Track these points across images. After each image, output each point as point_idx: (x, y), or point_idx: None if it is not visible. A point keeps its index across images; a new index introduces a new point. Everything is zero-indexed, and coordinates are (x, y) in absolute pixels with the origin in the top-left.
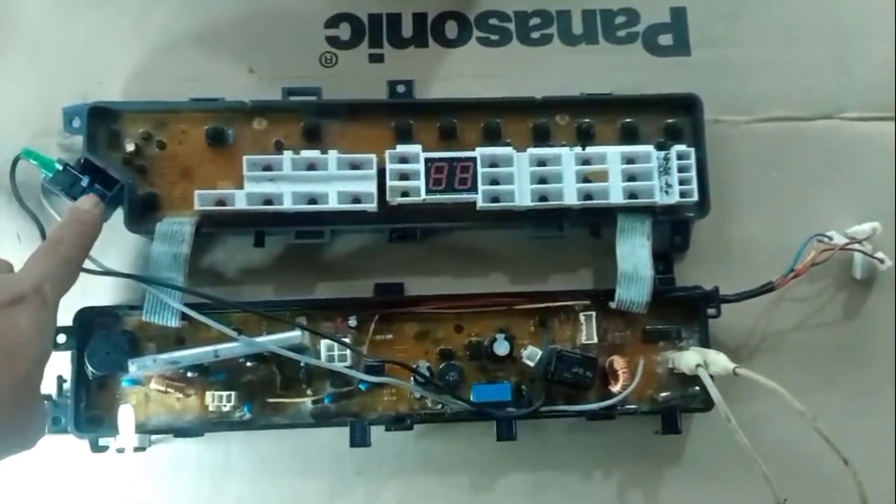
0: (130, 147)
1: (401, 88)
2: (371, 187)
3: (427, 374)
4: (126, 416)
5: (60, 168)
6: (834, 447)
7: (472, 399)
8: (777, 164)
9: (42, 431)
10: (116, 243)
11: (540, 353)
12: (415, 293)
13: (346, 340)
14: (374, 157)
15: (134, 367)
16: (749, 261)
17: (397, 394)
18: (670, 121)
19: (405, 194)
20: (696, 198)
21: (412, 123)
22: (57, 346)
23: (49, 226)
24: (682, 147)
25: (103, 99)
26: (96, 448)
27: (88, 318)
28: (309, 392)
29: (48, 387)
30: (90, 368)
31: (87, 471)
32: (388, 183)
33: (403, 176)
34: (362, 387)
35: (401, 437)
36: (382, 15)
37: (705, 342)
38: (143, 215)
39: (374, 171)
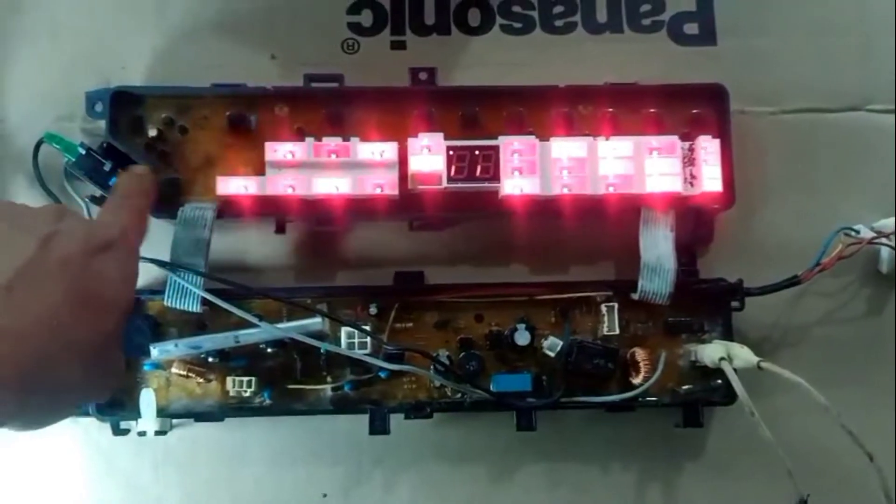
0: (153, 132)
1: (423, 76)
2: (393, 175)
3: (447, 362)
4: (148, 399)
5: (83, 152)
6: (858, 442)
7: (491, 388)
8: (803, 155)
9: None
10: None
11: (561, 343)
12: (435, 282)
13: (367, 328)
14: (395, 144)
15: (156, 352)
16: (774, 254)
17: (417, 382)
18: (695, 111)
19: (427, 182)
20: (720, 189)
21: (434, 111)
22: None
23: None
24: (707, 138)
25: (126, 84)
26: (118, 431)
27: None
28: (329, 379)
29: None
30: None
31: (108, 453)
32: (410, 170)
33: (425, 164)
34: (382, 374)
35: (419, 425)
36: (405, 2)
37: (728, 335)
38: (165, 200)
39: (395, 159)
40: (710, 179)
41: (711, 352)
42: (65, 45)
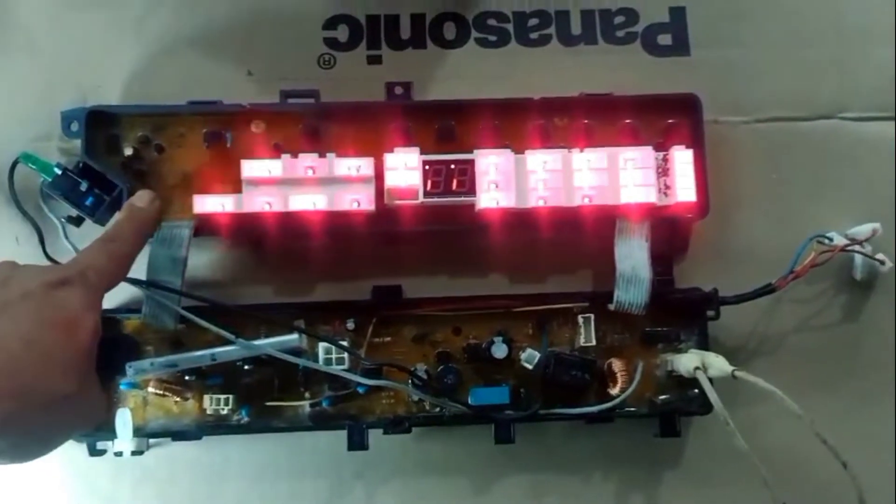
0: (129, 151)
1: (399, 90)
2: (369, 190)
3: (425, 376)
4: (124, 419)
5: (59, 172)
6: (833, 450)
7: (470, 402)
8: (777, 164)
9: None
10: None
11: (538, 355)
12: (413, 296)
13: (344, 343)
14: (371, 160)
15: (131, 371)
16: (749, 262)
17: (395, 397)
18: (670, 121)
19: (403, 197)
20: (694, 199)
21: (410, 125)
22: None
23: (47, 230)
24: (680, 148)
25: (103, 102)
26: (94, 452)
27: None
28: (307, 395)
29: None
30: None
31: (86, 474)
32: (387, 185)
33: (401, 179)
34: (360, 390)
35: (399, 439)
36: (380, 16)
37: (704, 344)
38: None
39: (372, 174)
40: (685, 189)
41: (686, 361)
42: (41, 64)
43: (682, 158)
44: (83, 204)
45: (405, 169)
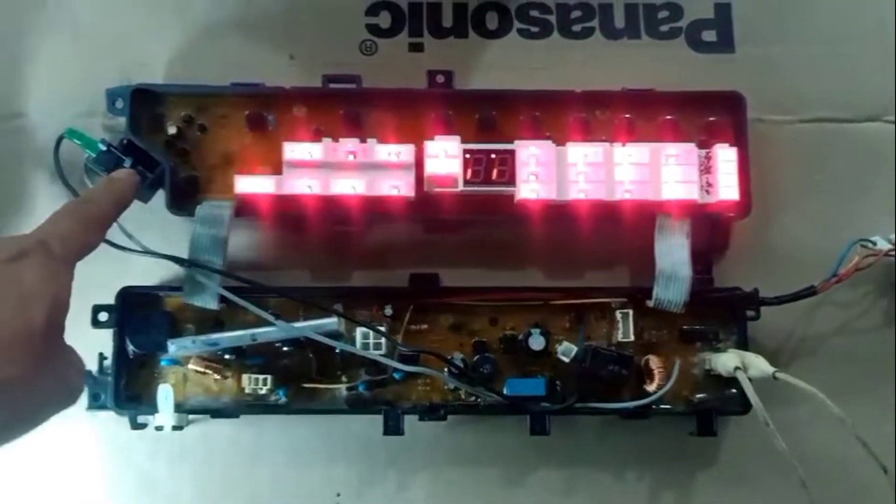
0: (172, 130)
1: (440, 78)
2: (409, 177)
3: (462, 365)
4: (165, 394)
5: (104, 148)
6: (873, 454)
7: (505, 392)
8: (821, 165)
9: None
10: (157, 225)
11: (575, 348)
12: (449, 284)
13: (382, 329)
14: (412, 146)
15: (173, 348)
16: (789, 264)
17: (431, 384)
18: (712, 118)
19: (443, 185)
20: (737, 197)
21: (451, 114)
22: (98, 324)
23: None
24: (724, 146)
25: (146, 81)
26: (135, 425)
27: (129, 298)
28: (344, 379)
29: (89, 363)
30: (131, 347)
31: (125, 448)
32: (426, 173)
33: (441, 166)
34: (397, 376)
35: (433, 427)
36: (423, 4)
37: (744, 344)
38: (183, 198)
39: (412, 161)
40: (727, 188)
41: (726, 361)
42: (86, 43)
43: (726, 156)
44: None
45: (445, 157)
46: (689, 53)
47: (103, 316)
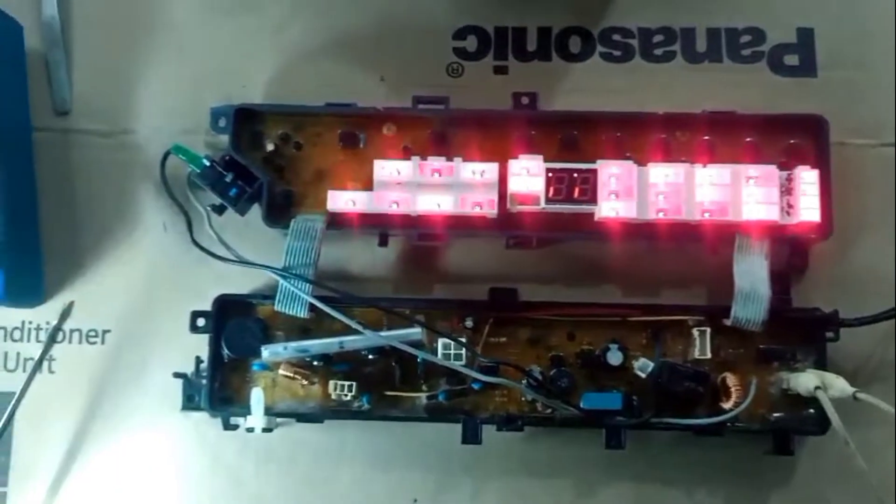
0: (270, 147)
1: (525, 100)
2: (492, 194)
3: (540, 377)
4: (257, 397)
5: (208, 164)
6: None
7: (582, 405)
8: None
9: None
10: (253, 237)
11: (652, 364)
12: (528, 299)
13: (463, 340)
14: (496, 165)
15: (267, 353)
16: (870, 286)
17: (508, 395)
18: (793, 141)
19: (525, 202)
20: (818, 219)
21: (534, 134)
22: (196, 329)
23: (195, 218)
24: (805, 168)
25: (246, 101)
26: (228, 426)
27: (225, 305)
28: (424, 388)
29: (186, 367)
30: (226, 351)
31: (214, 448)
32: (510, 190)
33: (524, 185)
34: (476, 386)
35: (509, 437)
36: (508, 28)
37: (822, 365)
38: (279, 211)
39: (495, 179)
40: (808, 209)
41: (806, 380)
42: (191, 64)
43: (807, 178)
44: (227, 194)
45: (528, 175)
46: (770, 77)
47: (201, 322)
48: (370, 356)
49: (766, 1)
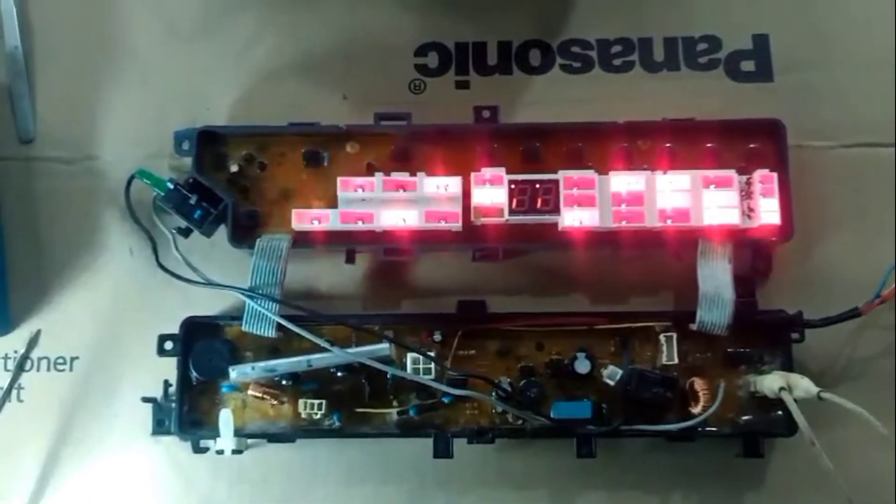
0: (234, 168)
1: (486, 114)
2: (457, 208)
3: (509, 389)
4: (226, 419)
5: (172, 187)
6: None
7: (552, 415)
8: (862, 189)
9: None
10: (220, 258)
11: (620, 372)
12: (496, 311)
13: (432, 354)
14: (459, 178)
15: (234, 374)
16: (833, 287)
17: (479, 408)
18: (753, 146)
19: (489, 215)
20: (778, 222)
21: (497, 147)
22: (164, 353)
23: (160, 241)
24: (764, 171)
25: (210, 123)
26: (197, 449)
27: (193, 327)
28: (395, 403)
29: (154, 391)
30: (194, 373)
31: (187, 471)
32: (473, 203)
33: (488, 197)
34: (446, 400)
35: (481, 450)
36: (469, 43)
37: (788, 366)
38: (244, 232)
39: (459, 192)
40: (768, 212)
41: (771, 382)
42: (154, 90)
43: (766, 181)
44: (192, 216)
45: (491, 188)
46: (728, 84)
47: (168, 345)
48: (339, 374)
49: (722, 9)
